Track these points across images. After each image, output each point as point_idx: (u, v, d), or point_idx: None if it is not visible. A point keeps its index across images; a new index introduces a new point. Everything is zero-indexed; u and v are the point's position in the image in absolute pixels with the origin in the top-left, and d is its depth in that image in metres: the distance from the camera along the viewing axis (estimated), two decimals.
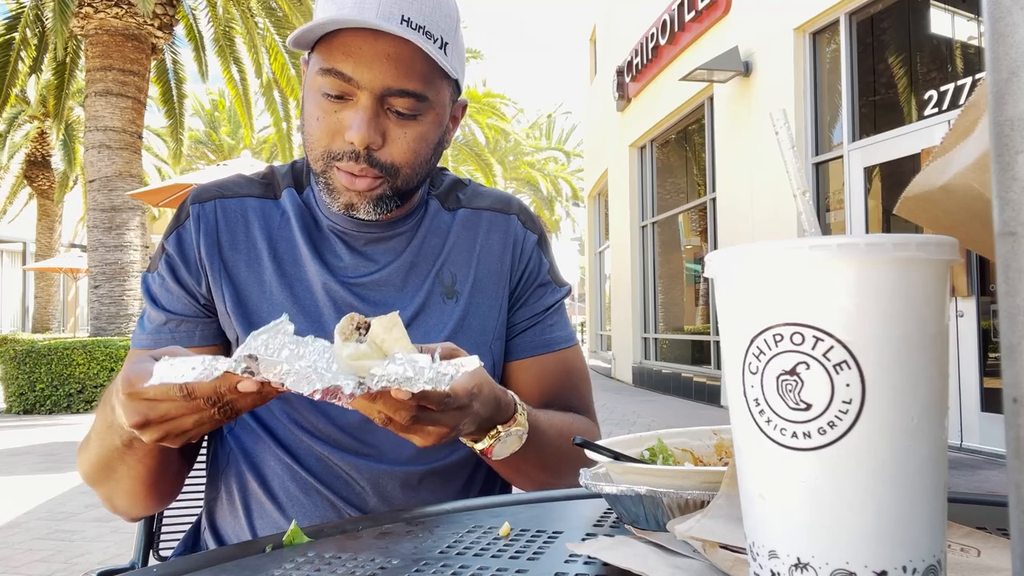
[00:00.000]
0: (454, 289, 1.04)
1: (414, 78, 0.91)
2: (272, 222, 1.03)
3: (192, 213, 1.02)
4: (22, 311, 22.96)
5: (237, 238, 1.01)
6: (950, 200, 0.52)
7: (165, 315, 0.99)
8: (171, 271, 1.00)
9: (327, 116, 0.92)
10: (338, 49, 0.90)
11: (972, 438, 5.66)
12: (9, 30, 11.73)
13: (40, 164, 19.80)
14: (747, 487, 0.42)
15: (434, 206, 1.09)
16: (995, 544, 0.54)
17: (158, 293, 1.01)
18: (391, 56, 0.89)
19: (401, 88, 0.90)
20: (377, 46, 0.89)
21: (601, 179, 15.52)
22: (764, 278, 0.39)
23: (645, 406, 9.55)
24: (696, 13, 9.39)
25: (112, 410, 0.78)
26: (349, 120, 0.91)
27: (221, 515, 1.02)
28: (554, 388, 1.08)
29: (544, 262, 1.12)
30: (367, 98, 0.90)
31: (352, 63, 0.89)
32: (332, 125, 0.92)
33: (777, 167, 6.53)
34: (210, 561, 0.62)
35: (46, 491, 5.03)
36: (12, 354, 9.32)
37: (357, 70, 0.89)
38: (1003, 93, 0.25)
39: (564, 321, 1.13)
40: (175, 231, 1.02)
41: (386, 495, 0.98)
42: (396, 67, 0.89)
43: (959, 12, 6.23)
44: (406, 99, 0.91)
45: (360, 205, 0.96)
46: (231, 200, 1.03)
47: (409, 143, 0.94)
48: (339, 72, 0.89)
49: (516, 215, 1.12)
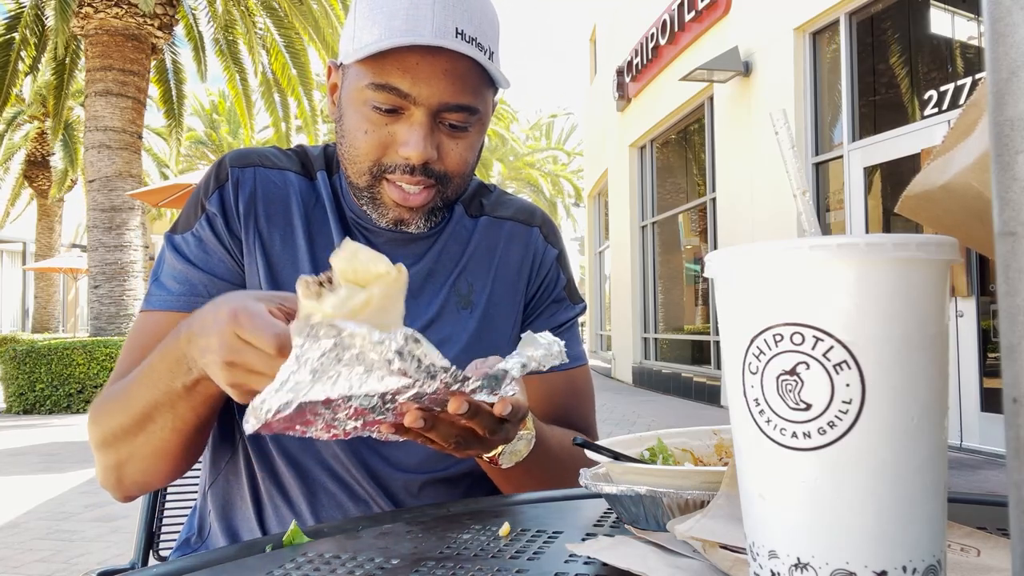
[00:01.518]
0: (470, 299, 1.03)
1: (468, 93, 0.91)
2: (309, 202, 1.01)
3: (232, 176, 0.98)
4: (22, 311, 22.96)
5: (274, 210, 0.98)
6: (951, 199, 0.52)
7: (204, 275, 0.95)
8: (212, 231, 0.96)
9: (377, 129, 0.91)
10: (393, 65, 0.88)
11: (972, 438, 5.66)
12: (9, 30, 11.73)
13: (40, 164, 19.80)
14: (747, 487, 0.42)
15: (458, 211, 1.08)
16: (995, 544, 0.54)
17: (194, 253, 0.96)
18: (448, 72, 0.89)
19: (457, 103, 0.90)
20: (435, 63, 0.88)
21: (601, 179, 15.52)
22: (764, 278, 0.39)
23: (645, 406, 9.55)
24: (696, 13, 9.39)
25: (188, 343, 0.74)
26: (403, 135, 0.90)
27: (230, 507, 1.02)
28: (559, 407, 1.06)
29: (562, 278, 1.11)
30: (423, 114, 0.90)
31: (410, 80, 0.88)
32: (383, 139, 0.91)
33: (777, 167, 6.53)
34: (210, 561, 0.62)
35: (46, 491, 5.03)
36: (12, 354, 9.32)
37: (415, 87, 0.88)
38: (1003, 93, 0.25)
39: (576, 339, 1.11)
40: (216, 191, 0.98)
41: (388, 499, 0.97)
42: (453, 83, 0.89)
43: (959, 12, 6.23)
44: (460, 114, 0.91)
45: (412, 220, 0.95)
46: (272, 171, 1.01)
47: (461, 154, 0.94)
48: (395, 88, 0.88)
49: (539, 227, 1.11)
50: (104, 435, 0.87)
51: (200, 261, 0.96)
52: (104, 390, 0.93)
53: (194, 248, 0.96)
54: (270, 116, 13.27)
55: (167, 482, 0.94)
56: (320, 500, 0.97)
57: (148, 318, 0.95)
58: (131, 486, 0.91)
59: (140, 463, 0.87)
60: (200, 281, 0.95)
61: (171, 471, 0.91)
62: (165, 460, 0.87)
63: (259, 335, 0.65)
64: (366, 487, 0.96)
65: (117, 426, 0.85)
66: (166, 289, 0.95)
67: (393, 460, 0.98)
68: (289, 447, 0.97)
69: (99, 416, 0.88)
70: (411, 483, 0.98)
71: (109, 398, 0.88)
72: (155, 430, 0.82)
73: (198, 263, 0.95)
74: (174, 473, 0.92)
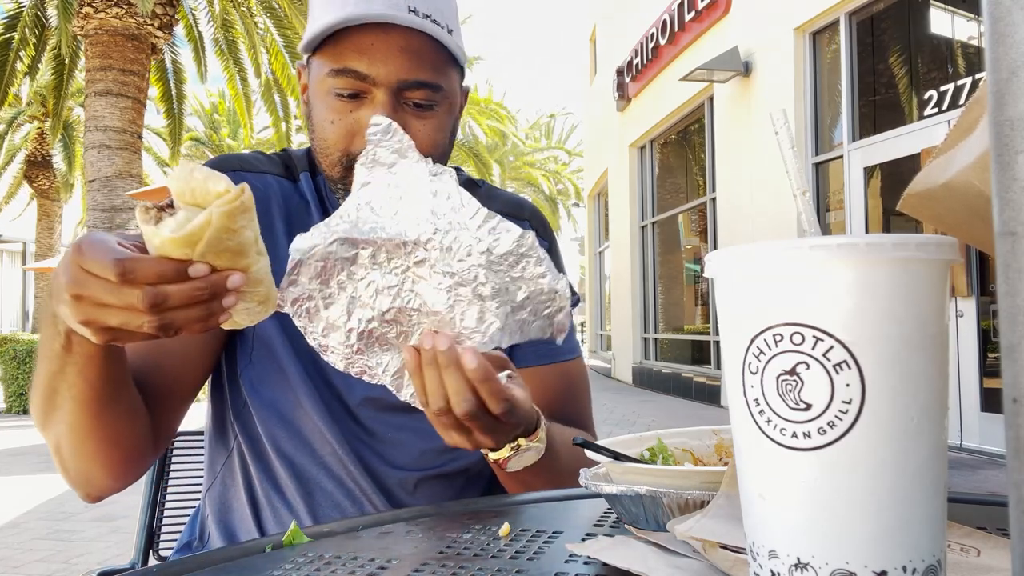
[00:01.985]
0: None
1: (428, 68, 0.91)
2: (291, 203, 1.02)
3: None
4: (22, 311, 22.95)
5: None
6: (952, 198, 0.52)
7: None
8: None
9: (342, 117, 0.91)
10: (349, 47, 0.89)
11: (972, 438, 5.66)
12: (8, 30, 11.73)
13: (40, 164, 19.78)
14: (747, 487, 0.42)
15: None
16: (995, 544, 0.54)
17: None
18: (404, 48, 0.89)
19: (417, 79, 0.90)
20: (389, 40, 0.89)
21: (601, 179, 15.52)
22: (764, 278, 0.39)
23: (645, 406, 9.54)
24: (696, 13, 9.39)
25: (52, 299, 0.68)
26: (367, 118, 0.90)
27: (227, 510, 1.02)
28: (554, 401, 1.05)
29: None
30: (384, 94, 0.89)
31: (366, 60, 0.88)
32: (349, 126, 0.91)
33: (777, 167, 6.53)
34: (210, 561, 0.62)
35: (46, 491, 5.03)
36: (12, 354, 9.33)
37: (372, 66, 0.88)
38: (1003, 93, 0.25)
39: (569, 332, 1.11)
40: None
41: (384, 496, 0.97)
42: (410, 59, 0.89)
43: (959, 12, 6.23)
44: (422, 90, 0.91)
45: None
46: (251, 175, 1.01)
47: (429, 134, 0.93)
48: (352, 71, 0.89)
49: (528, 220, 1.10)
50: (35, 420, 0.84)
51: None
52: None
53: None
54: (270, 116, 13.27)
55: (117, 476, 0.87)
56: (316, 499, 0.96)
57: None
58: (77, 478, 0.87)
59: (68, 447, 0.83)
60: None
61: (106, 459, 0.84)
62: (86, 441, 0.82)
63: (99, 261, 0.59)
64: (362, 484, 0.96)
65: (38, 398, 0.81)
66: None
67: (388, 457, 0.98)
68: (285, 447, 0.97)
69: (31, 398, 0.84)
70: (407, 480, 0.98)
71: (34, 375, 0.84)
72: (60, 404, 0.78)
73: None
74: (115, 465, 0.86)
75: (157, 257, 0.59)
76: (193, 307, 0.60)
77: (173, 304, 0.59)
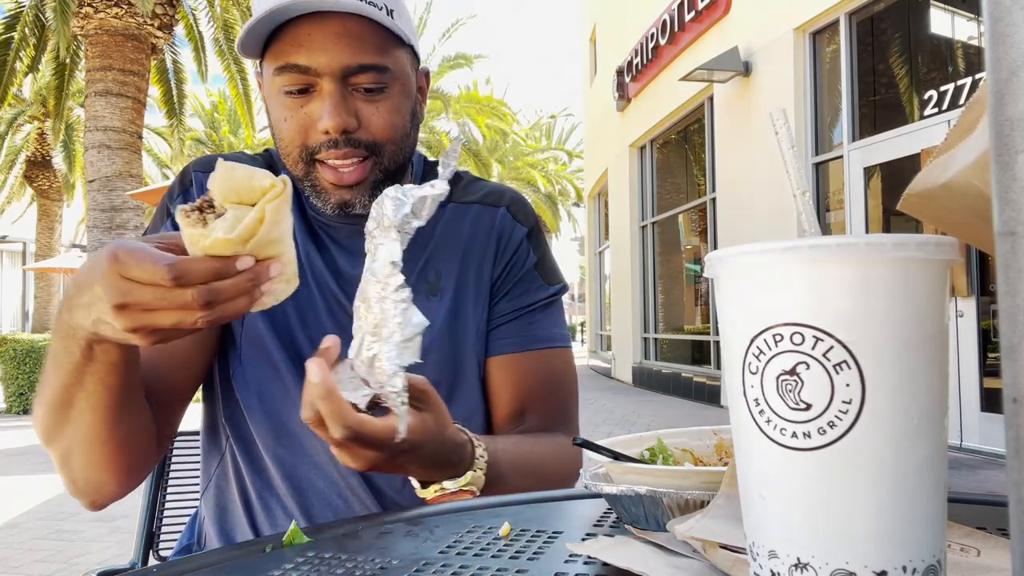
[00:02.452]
0: (439, 286, 1.01)
1: (370, 51, 0.90)
2: None
3: (196, 181, 1.00)
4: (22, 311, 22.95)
5: None
6: (952, 197, 0.52)
7: None
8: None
9: (294, 114, 0.91)
10: (287, 43, 0.89)
11: (972, 438, 5.66)
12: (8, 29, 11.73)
13: (40, 164, 19.79)
14: (747, 487, 0.42)
15: None
16: (995, 544, 0.54)
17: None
18: (341, 34, 0.88)
19: (360, 63, 0.89)
20: (326, 28, 0.88)
21: (601, 179, 15.52)
22: (764, 278, 0.39)
23: (645, 406, 9.54)
24: (696, 13, 9.39)
25: (68, 312, 0.69)
26: (317, 111, 0.90)
27: (222, 512, 1.02)
28: (532, 393, 1.02)
29: (532, 256, 1.06)
30: (329, 83, 0.89)
31: (305, 52, 0.88)
32: (301, 121, 0.91)
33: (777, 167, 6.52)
34: (210, 561, 0.62)
35: (46, 491, 5.03)
36: (12, 354, 9.33)
37: (312, 57, 0.88)
38: (1003, 93, 0.25)
39: (553, 320, 1.05)
40: (180, 196, 0.99)
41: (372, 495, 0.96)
42: (349, 44, 0.88)
43: (959, 12, 6.23)
44: (368, 74, 0.90)
45: (355, 200, 0.94)
46: None
47: (384, 117, 0.92)
48: (294, 65, 0.88)
49: (506, 207, 1.07)
50: (41, 427, 0.83)
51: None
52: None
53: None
54: None
55: (118, 482, 0.87)
56: (308, 498, 0.96)
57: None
58: (86, 487, 0.87)
59: (80, 457, 0.83)
60: None
61: (116, 465, 0.84)
62: (100, 449, 0.81)
63: (147, 268, 0.61)
64: (351, 483, 0.96)
65: (47, 412, 0.80)
66: None
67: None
68: (276, 447, 0.97)
69: (35, 411, 0.84)
70: (395, 477, 0.97)
71: (39, 388, 0.83)
72: (76, 415, 0.78)
73: None
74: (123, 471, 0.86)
75: (204, 257, 0.62)
76: (239, 298, 0.63)
77: (224, 299, 0.62)
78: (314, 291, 0.98)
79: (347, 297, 0.98)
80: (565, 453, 0.98)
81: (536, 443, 0.96)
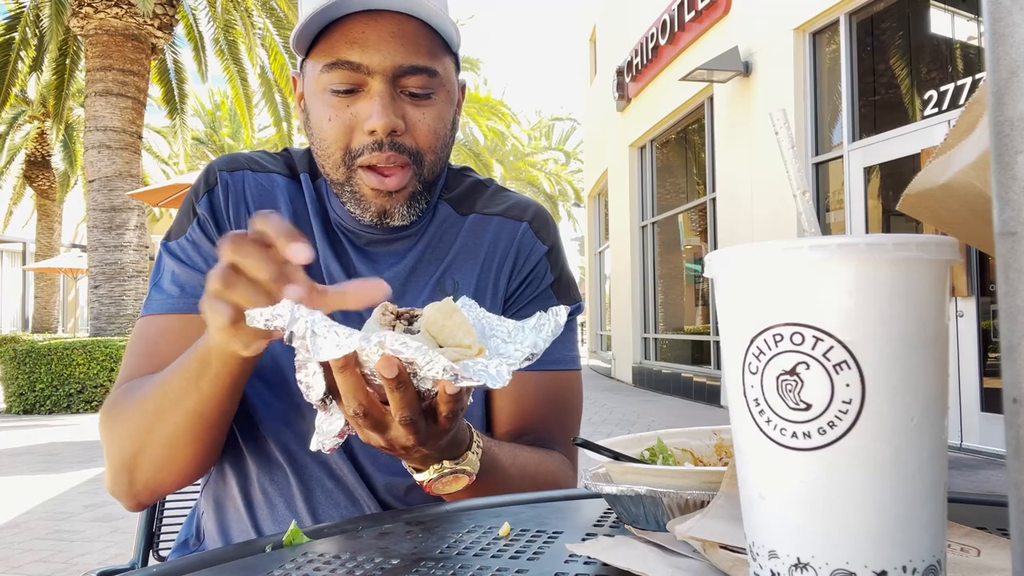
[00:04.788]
0: (455, 298, 1.01)
1: (423, 53, 0.89)
2: (297, 203, 1.01)
3: (221, 180, 0.99)
4: (22, 311, 22.96)
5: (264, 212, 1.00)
6: (952, 198, 0.52)
7: (199, 276, 0.94)
8: (204, 233, 0.96)
9: (340, 113, 0.90)
10: (340, 40, 0.88)
11: (972, 438, 5.66)
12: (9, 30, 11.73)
13: (40, 164, 19.79)
14: (747, 487, 0.42)
15: (444, 211, 1.04)
16: (995, 544, 0.54)
17: (189, 256, 0.96)
18: (396, 34, 0.88)
19: (412, 65, 0.89)
20: (380, 26, 0.87)
21: (601, 179, 15.52)
22: (764, 278, 0.39)
23: (645, 406, 9.55)
24: (696, 13, 9.39)
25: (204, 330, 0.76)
26: (365, 110, 0.89)
27: (222, 508, 1.01)
28: (535, 414, 0.99)
29: (549, 275, 1.04)
30: (380, 82, 0.88)
31: (359, 49, 0.87)
32: (347, 121, 0.90)
33: (777, 167, 6.53)
34: (210, 561, 0.62)
35: (46, 491, 5.03)
36: (12, 354, 9.33)
37: (365, 55, 0.87)
38: (1003, 93, 0.25)
39: (564, 342, 1.01)
40: (205, 195, 0.98)
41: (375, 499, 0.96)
42: (404, 44, 0.88)
43: (959, 12, 6.23)
44: (418, 76, 0.89)
45: (394, 210, 0.93)
46: (260, 174, 1.01)
47: (429, 124, 0.92)
48: (347, 62, 0.88)
49: (529, 222, 1.05)
50: (123, 430, 0.86)
51: (196, 263, 0.96)
52: (114, 392, 0.92)
53: (189, 251, 0.96)
54: (271, 116, 13.28)
55: (178, 482, 0.92)
56: (317, 497, 0.96)
57: (150, 322, 0.96)
58: (143, 488, 0.89)
59: (157, 456, 0.86)
60: (198, 282, 0.95)
61: (187, 469, 0.89)
62: (183, 451, 0.86)
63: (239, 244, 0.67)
64: (353, 484, 0.95)
65: (142, 418, 0.85)
66: (165, 293, 0.95)
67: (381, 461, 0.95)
68: (289, 443, 0.96)
69: (111, 416, 0.88)
70: (397, 485, 0.96)
71: (124, 397, 0.88)
72: (179, 416, 0.82)
73: (194, 265, 0.96)
74: (185, 472, 0.90)
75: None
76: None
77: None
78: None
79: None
80: (560, 466, 0.98)
81: (533, 451, 0.96)
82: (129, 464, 0.87)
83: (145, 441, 0.85)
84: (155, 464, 0.87)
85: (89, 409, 9.15)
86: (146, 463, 0.87)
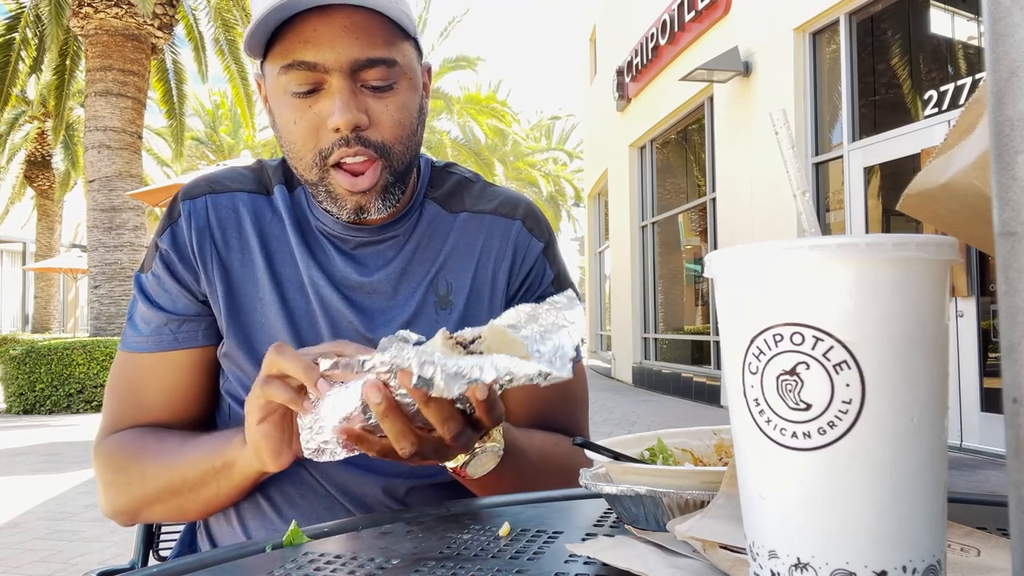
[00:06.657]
0: (448, 299, 0.99)
1: (378, 44, 0.88)
2: (264, 218, 1.00)
3: (183, 210, 0.99)
4: (22, 311, 22.96)
5: (229, 235, 0.99)
6: (952, 198, 0.52)
7: (165, 316, 0.97)
8: (168, 269, 0.97)
9: (304, 115, 0.89)
10: (294, 40, 0.87)
11: (972, 438, 5.66)
12: (9, 30, 11.73)
13: (40, 164, 19.79)
14: (747, 487, 0.42)
15: (432, 210, 1.03)
16: (995, 544, 0.54)
17: (155, 293, 0.97)
18: (349, 28, 0.87)
19: (369, 57, 0.87)
20: (332, 22, 0.86)
21: (601, 179, 15.52)
22: (764, 278, 0.39)
23: (645, 406, 9.54)
24: (696, 13, 9.39)
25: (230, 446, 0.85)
26: (328, 108, 0.88)
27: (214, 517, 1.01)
28: (545, 410, 1.01)
29: (548, 273, 1.05)
30: (339, 79, 0.87)
31: (313, 48, 0.86)
32: (312, 122, 0.89)
33: (777, 167, 6.53)
34: (210, 561, 0.62)
35: (46, 491, 5.03)
36: (12, 354, 9.33)
37: (320, 53, 0.86)
38: (1003, 93, 0.25)
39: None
40: (168, 228, 0.99)
41: (368, 503, 0.95)
42: (358, 37, 0.87)
43: (959, 12, 6.23)
44: (377, 68, 0.88)
45: (370, 205, 0.93)
46: (222, 196, 1.00)
47: (393, 115, 0.91)
48: (302, 62, 0.87)
49: (521, 220, 1.05)
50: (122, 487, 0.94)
51: (161, 300, 0.98)
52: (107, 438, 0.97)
53: (154, 287, 0.98)
54: None
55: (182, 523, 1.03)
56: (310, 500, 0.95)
57: (126, 359, 0.99)
58: (143, 521, 0.97)
59: (160, 513, 0.94)
60: (162, 322, 0.97)
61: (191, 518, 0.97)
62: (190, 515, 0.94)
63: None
64: (352, 489, 0.95)
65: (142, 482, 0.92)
66: (137, 330, 0.98)
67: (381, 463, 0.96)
68: None
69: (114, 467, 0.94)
70: (396, 487, 0.96)
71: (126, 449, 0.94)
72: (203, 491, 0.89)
73: (159, 302, 0.98)
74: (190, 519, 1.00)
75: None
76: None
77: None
78: (312, 299, 0.97)
79: (349, 305, 0.97)
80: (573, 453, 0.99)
81: (547, 435, 0.99)
82: (132, 510, 0.94)
83: (152, 503, 0.92)
84: (160, 516, 0.94)
85: (89, 409, 9.15)
86: (151, 515, 0.95)
